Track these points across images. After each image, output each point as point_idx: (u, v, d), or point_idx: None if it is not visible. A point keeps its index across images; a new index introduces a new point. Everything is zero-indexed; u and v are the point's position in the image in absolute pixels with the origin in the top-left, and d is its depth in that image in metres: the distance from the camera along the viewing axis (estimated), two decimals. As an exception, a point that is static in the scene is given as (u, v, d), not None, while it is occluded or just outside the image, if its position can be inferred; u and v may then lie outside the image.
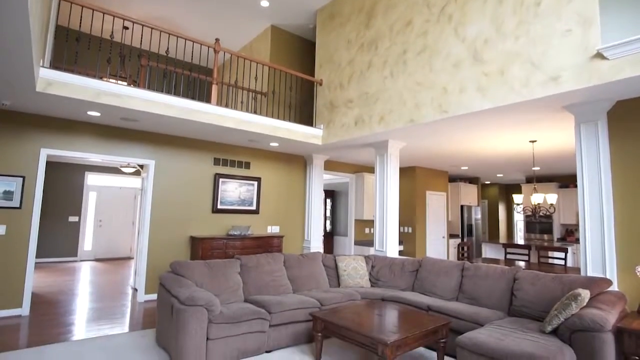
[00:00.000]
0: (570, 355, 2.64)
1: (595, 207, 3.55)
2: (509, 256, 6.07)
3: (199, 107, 4.76)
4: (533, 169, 8.39)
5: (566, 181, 9.38)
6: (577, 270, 5.13)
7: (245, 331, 3.31)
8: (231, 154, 6.39)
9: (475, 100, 3.94)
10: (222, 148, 6.28)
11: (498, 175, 9.91)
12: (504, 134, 5.03)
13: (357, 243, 8.12)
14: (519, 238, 12.15)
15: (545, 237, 9.82)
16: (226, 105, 5.20)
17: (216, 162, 6.19)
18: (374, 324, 3.12)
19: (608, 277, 3.41)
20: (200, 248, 5.47)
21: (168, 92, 7.10)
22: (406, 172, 8.42)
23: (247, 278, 4.06)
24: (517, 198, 5.53)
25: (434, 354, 3.56)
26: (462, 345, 2.81)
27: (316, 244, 7.07)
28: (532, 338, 2.80)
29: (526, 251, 5.68)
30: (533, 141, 5.39)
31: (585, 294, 2.86)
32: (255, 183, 6.60)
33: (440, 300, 4.10)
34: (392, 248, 5.54)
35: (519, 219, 12.25)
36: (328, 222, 10.07)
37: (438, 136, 5.24)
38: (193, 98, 6.45)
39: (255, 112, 5.45)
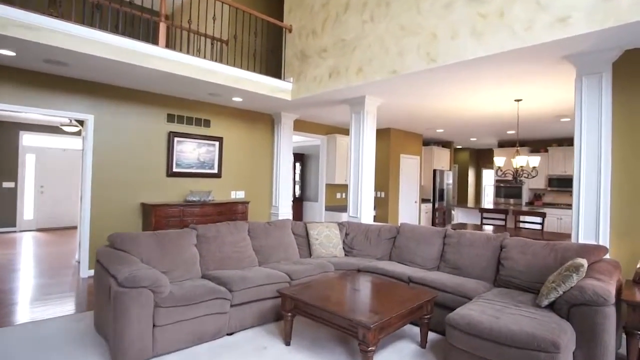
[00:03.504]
0: (570, 332, 2.36)
1: (592, 168, 3.24)
2: (485, 221, 5.89)
3: (145, 49, 3.94)
4: (508, 132, 8.20)
5: (537, 146, 9.33)
6: (555, 235, 5.00)
7: (202, 314, 2.82)
8: (188, 110, 5.61)
9: (468, 47, 3.42)
10: (177, 103, 5.48)
11: (472, 139, 9.70)
12: (493, 90, 4.62)
13: (328, 209, 7.72)
14: (487, 202, 12.29)
15: (512, 201, 9.89)
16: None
17: (170, 118, 5.41)
18: (352, 301, 2.72)
19: (601, 243, 3.18)
20: (153, 216, 4.82)
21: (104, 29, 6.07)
22: (381, 134, 7.98)
23: (206, 250, 3.52)
24: (498, 161, 5.24)
25: (417, 330, 3.26)
26: (454, 325, 2.46)
27: (285, 210, 6.59)
28: (527, 314, 2.49)
29: (503, 216, 5.51)
30: (518, 100, 5.03)
31: (585, 264, 2.57)
32: (217, 143, 5.91)
33: (421, 270, 3.78)
34: (367, 214, 5.15)
35: (487, 184, 12.33)
36: (297, 186, 9.58)
37: (421, 92, 4.75)
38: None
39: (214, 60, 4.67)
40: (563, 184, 8.79)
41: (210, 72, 4.50)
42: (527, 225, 5.49)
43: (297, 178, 9.61)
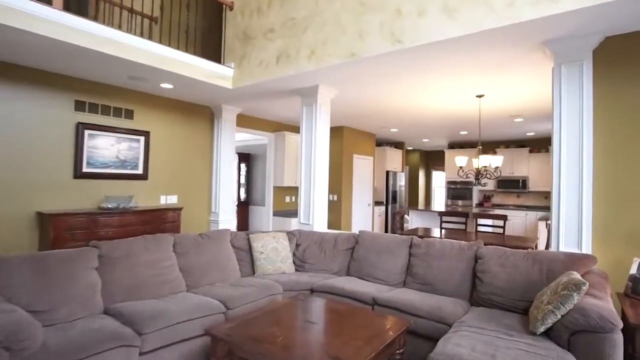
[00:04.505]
0: (576, 368, 1.91)
1: (573, 168, 2.89)
2: (444, 225, 5.56)
3: (30, 7, 2.97)
4: (461, 133, 8.06)
5: (486, 148, 9.37)
6: (517, 239, 4.75)
7: (94, 371, 1.98)
8: (104, 97, 4.60)
9: (440, 26, 2.93)
10: (89, 87, 4.46)
11: (424, 140, 9.52)
12: (456, 81, 4.21)
13: (276, 214, 7.00)
14: (437, 204, 12.30)
15: (460, 202, 9.86)
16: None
17: (79, 106, 4.37)
18: (306, 342, 2.05)
19: (584, 251, 2.83)
20: (52, 229, 3.78)
21: None
22: (333, 132, 7.41)
23: (111, 275, 2.65)
24: (459, 160, 4.89)
25: (383, 364, 2.66)
26: (440, 370, 1.89)
27: (227, 217, 5.76)
28: (524, 346, 2.00)
29: (463, 219, 5.20)
30: (480, 96, 4.72)
31: (587, 282, 2.15)
32: (142, 139, 4.94)
33: (385, 287, 3.21)
34: (320, 221, 4.52)
35: (437, 186, 12.35)
36: (243, 189, 8.75)
37: (380, 81, 4.22)
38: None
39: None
40: (510, 185, 8.88)
41: (125, 46, 3.61)
42: (487, 229, 5.22)
43: (243, 180, 8.78)
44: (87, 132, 4.40)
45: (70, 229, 3.91)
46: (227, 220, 5.78)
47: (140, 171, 4.91)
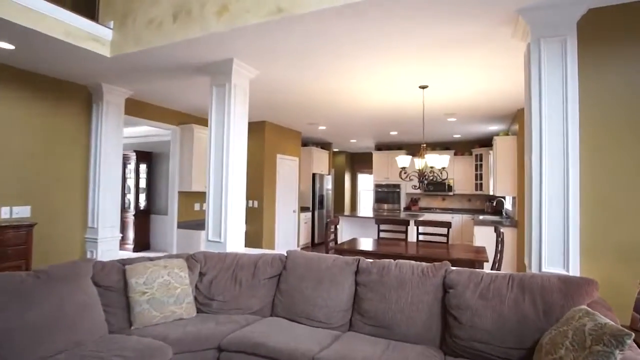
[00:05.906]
0: None
1: (556, 168, 2.32)
2: (382, 234, 4.89)
3: None
4: (391, 133, 7.62)
5: (413, 150, 9.15)
6: (462, 248, 4.24)
7: None
8: None
9: (400, -29, 2.15)
10: None
11: (352, 140, 8.96)
12: (401, 68, 3.53)
13: (181, 225, 5.70)
14: (363, 209, 11.92)
15: (386, 206, 9.54)
16: None
17: None
18: None
19: (571, 272, 2.26)
20: None
21: None
22: (254, 128, 6.35)
23: None
24: (401, 161, 4.24)
25: None
26: None
27: (110, 234, 4.34)
28: None
29: (403, 227, 4.59)
30: (424, 87, 4.13)
31: (631, 334, 1.49)
32: (-34, 124, 3.35)
33: (326, 333, 2.30)
34: (235, 237, 3.45)
35: (363, 189, 11.98)
36: (143, 195, 7.21)
37: (312, 56, 3.33)
38: None
39: None
40: (436, 188, 8.75)
41: None
42: (426, 237, 4.66)
43: (143, 184, 7.24)
44: None
45: None
46: (112, 237, 4.37)
47: (-39, 172, 3.31)
